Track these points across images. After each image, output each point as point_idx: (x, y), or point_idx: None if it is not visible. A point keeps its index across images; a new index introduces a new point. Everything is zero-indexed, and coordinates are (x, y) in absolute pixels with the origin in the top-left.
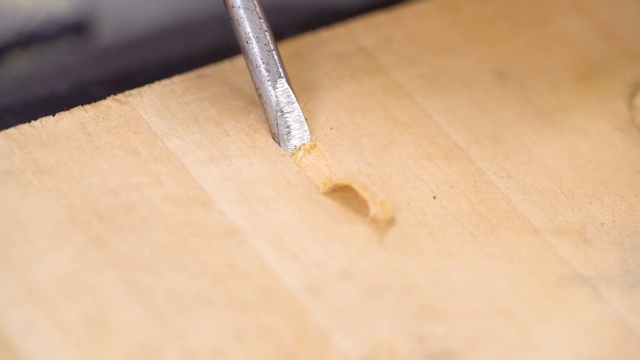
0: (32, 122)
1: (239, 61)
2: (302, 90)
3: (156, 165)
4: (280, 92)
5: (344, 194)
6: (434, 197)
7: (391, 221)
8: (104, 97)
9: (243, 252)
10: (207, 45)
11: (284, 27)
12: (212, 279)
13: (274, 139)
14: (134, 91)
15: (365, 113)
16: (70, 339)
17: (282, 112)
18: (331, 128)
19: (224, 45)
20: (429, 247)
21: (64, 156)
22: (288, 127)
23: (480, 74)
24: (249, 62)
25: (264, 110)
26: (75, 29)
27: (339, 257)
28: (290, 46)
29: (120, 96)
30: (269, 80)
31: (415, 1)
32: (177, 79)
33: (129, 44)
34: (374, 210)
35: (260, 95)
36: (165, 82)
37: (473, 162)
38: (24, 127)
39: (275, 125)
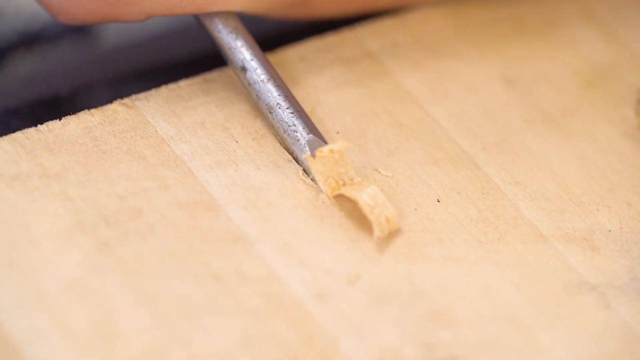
0: (39, 126)
1: None
2: (309, 95)
3: (163, 170)
4: (312, 149)
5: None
6: (438, 201)
7: (399, 228)
8: (108, 100)
9: (250, 257)
10: (214, 49)
11: (290, 31)
12: (219, 285)
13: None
14: (141, 95)
15: (371, 118)
16: (76, 344)
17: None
18: (337, 132)
19: None
20: (436, 254)
21: (70, 161)
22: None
23: (487, 79)
24: (277, 129)
25: (301, 166)
26: (80, 30)
27: (346, 263)
28: (296, 50)
29: (126, 100)
30: (298, 140)
31: (422, 6)
32: (183, 83)
33: (134, 47)
34: (377, 232)
35: (295, 159)
36: (171, 86)
37: (480, 168)
38: (31, 131)
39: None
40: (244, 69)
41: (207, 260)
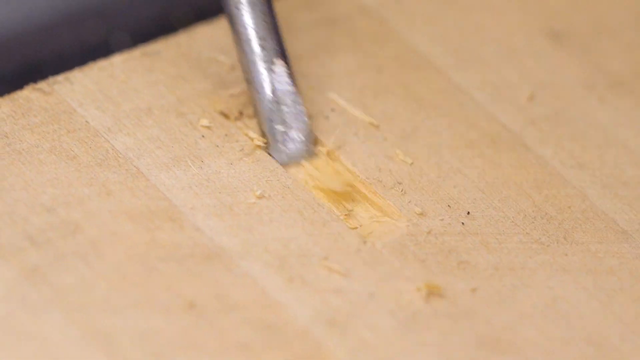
0: None
1: (199, 32)
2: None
3: (101, 172)
4: (278, 77)
5: (362, 195)
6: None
7: (430, 230)
8: (17, 86)
9: (232, 278)
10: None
11: None
12: (195, 315)
13: (262, 140)
14: (60, 77)
15: (377, 92)
16: None
17: (278, 103)
18: (333, 110)
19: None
20: (482, 261)
21: None
22: (285, 125)
23: (528, 35)
24: (238, 35)
25: (254, 102)
26: None
27: (364, 279)
28: None
29: (42, 84)
30: (264, 60)
31: None
32: (117, 59)
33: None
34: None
35: (249, 80)
36: (101, 63)
37: (530, 148)
38: None
39: (268, 121)
40: None
41: (174, 284)
